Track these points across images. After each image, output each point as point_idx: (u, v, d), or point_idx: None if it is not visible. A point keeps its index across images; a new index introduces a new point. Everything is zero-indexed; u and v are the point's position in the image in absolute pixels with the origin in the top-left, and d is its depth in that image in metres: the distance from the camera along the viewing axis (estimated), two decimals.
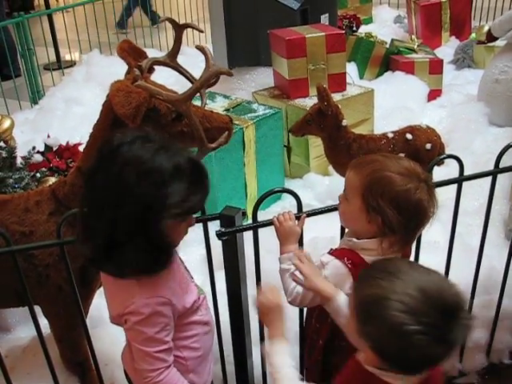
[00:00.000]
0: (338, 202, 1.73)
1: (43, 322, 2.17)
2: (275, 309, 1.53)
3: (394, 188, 1.51)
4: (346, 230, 1.79)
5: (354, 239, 1.63)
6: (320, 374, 1.80)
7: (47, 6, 7.10)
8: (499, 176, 2.15)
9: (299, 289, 1.63)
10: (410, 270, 1.24)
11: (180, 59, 2.16)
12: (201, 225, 1.82)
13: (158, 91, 1.77)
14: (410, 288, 1.17)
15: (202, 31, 2.07)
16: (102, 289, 2.29)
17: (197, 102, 2.02)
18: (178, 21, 2.08)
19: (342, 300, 1.54)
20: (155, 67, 2.07)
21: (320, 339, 1.77)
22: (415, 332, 1.13)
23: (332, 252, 1.70)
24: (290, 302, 1.68)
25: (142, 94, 1.73)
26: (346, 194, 1.65)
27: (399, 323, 1.14)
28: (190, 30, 2.15)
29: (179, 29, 2.00)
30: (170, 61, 2.02)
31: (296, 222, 1.74)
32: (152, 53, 2.16)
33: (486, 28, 5.29)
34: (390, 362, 1.23)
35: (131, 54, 1.98)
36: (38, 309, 2.14)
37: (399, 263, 1.31)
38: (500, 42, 4.98)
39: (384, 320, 1.16)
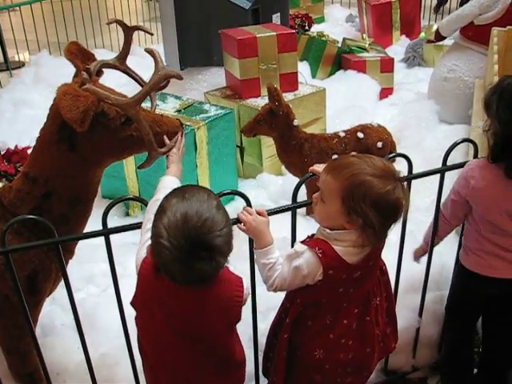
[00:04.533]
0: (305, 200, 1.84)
1: None
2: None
3: (374, 191, 1.57)
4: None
5: (328, 230, 1.68)
6: (286, 351, 1.86)
7: None
8: (450, 172, 2.17)
9: (279, 279, 1.71)
10: (197, 201, 1.43)
11: (131, 60, 2.12)
12: None
13: (107, 95, 1.73)
14: (180, 212, 1.40)
15: (151, 34, 2.04)
16: (52, 295, 2.25)
17: (147, 104, 1.99)
18: (129, 21, 2.04)
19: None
20: (104, 70, 2.03)
21: (288, 318, 1.83)
22: (164, 246, 1.39)
23: (306, 241, 1.74)
24: (272, 291, 1.77)
25: (90, 98, 1.70)
26: (323, 196, 1.68)
27: (158, 234, 1.41)
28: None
29: (128, 31, 1.96)
30: (120, 64, 1.98)
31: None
32: (102, 53, 2.11)
33: (435, 27, 5.38)
34: (155, 260, 1.48)
35: (79, 56, 1.93)
36: None
37: (198, 193, 1.47)
38: (448, 41, 5.09)
39: (155, 227, 1.43)
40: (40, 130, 1.92)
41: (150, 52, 1.77)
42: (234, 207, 3.23)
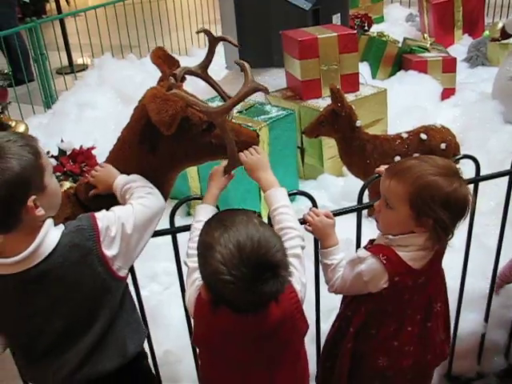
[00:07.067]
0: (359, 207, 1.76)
1: None
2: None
3: (443, 191, 1.57)
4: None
5: (390, 236, 1.68)
6: (349, 360, 1.84)
7: (59, 10, 7.14)
8: None
9: (340, 281, 1.73)
10: (241, 226, 1.39)
11: (188, 60, 2.15)
12: None
13: (195, 101, 1.76)
14: (231, 242, 1.35)
15: (237, 46, 2.06)
16: None
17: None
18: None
19: (275, 194, 1.71)
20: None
21: (351, 327, 1.81)
22: (227, 281, 1.34)
23: (369, 248, 1.74)
24: (332, 292, 1.79)
25: (179, 103, 1.72)
26: (389, 202, 1.67)
27: (216, 271, 1.35)
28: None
29: (214, 41, 1.99)
30: (202, 72, 2.01)
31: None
32: None
33: (500, 25, 5.25)
34: (215, 296, 1.44)
35: (166, 61, 1.98)
36: None
37: (237, 217, 1.44)
38: None
39: (208, 265, 1.38)
40: (122, 130, 1.96)
41: (241, 65, 1.79)
42: (296, 208, 3.23)
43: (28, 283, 1.49)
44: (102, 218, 1.57)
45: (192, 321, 1.94)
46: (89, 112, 5.05)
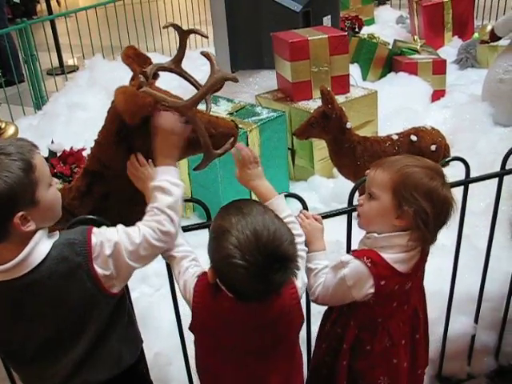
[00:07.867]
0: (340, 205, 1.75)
1: None
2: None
3: (426, 182, 1.59)
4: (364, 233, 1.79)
5: (375, 234, 1.66)
6: (346, 380, 1.80)
7: (50, 11, 7.12)
8: (505, 177, 2.14)
9: (322, 288, 1.70)
10: (258, 215, 1.43)
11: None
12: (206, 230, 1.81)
13: (164, 97, 1.75)
14: (248, 229, 1.38)
15: (206, 36, 2.04)
16: None
17: (202, 107, 2.00)
18: (180, 24, 2.05)
19: (278, 202, 1.71)
20: (160, 73, 2.05)
21: (344, 344, 1.77)
22: (239, 265, 1.36)
23: (352, 253, 1.72)
24: (313, 301, 1.75)
25: (148, 99, 1.72)
26: (372, 192, 1.67)
27: (229, 255, 1.37)
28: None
29: (184, 34, 1.98)
30: (175, 66, 1.99)
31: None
32: (154, 56, 2.13)
33: (489, 27, 5.28)
34: (221, 281, 1.47)
35: (136, 60, 1.95)
36: None
37: (254, 207, 1.47)
38: (503, 42, 4.98)
39: (221, 248, 1.40)
40: (98, 133, 1.95)
41: (206, 55, 1.78)
42: None
43: (15, 292, 1.47)
44: (98, 234, 1.52)
45: (184, 315, 1.95)
46: (79, 113, 5.04)
